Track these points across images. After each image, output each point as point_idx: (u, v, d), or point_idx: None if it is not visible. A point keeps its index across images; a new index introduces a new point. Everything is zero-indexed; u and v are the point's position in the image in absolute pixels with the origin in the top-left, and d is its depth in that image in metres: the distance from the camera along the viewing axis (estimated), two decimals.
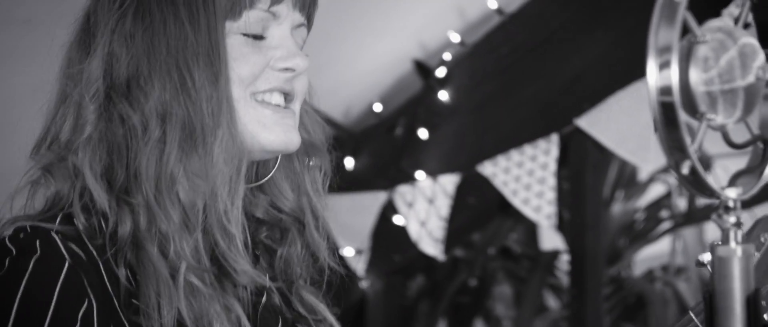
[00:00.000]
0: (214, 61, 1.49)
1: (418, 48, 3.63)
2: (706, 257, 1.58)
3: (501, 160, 3.31)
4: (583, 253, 3.32)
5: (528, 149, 3.29)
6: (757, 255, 1.54)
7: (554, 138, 3.27)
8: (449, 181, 3.41)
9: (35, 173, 1.57)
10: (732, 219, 1.15)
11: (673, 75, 1.07)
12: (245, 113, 1.54)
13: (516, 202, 3.31)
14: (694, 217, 4.11)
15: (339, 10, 3.30)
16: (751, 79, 1.14)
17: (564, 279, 3.99)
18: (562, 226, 3.61)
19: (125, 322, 1.46)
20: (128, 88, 1.51)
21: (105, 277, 1.47)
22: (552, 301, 4.13)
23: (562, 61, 3.30)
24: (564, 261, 3.98)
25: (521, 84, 3.35)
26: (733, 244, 1.15)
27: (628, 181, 4.19)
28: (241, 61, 1.53)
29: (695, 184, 1.12)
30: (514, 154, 3.30)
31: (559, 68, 3.30)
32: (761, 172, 1.20)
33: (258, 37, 1.54)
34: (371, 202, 3.49)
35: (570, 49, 3.29)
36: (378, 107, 3.64)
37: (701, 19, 1.14)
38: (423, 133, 3.44)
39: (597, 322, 3.33)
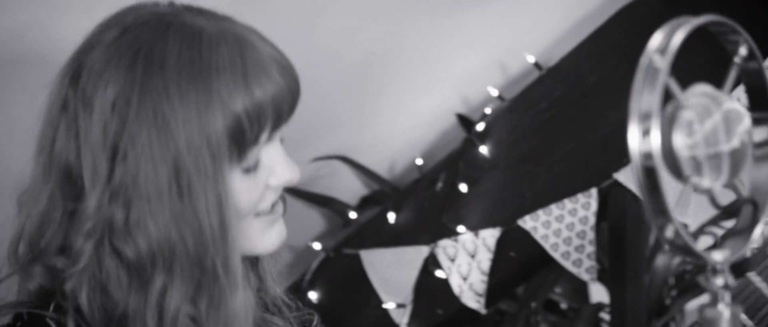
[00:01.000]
0: (223, 211, 1.49)
1: (461, 102, 3.65)
2: None
3: (541, 215, 3.32)
4: (623, 308, 3.31)
5: (567, 203, 3.29)
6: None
7: (593, 192, 3.27)
8: (490, 235, 3.41)
9: (14, 273, 1.58)
10: (719, 281, 1.16)
11: (654, 141, 1.09)
12: (244, 234, 1.55)
13: (556, 255, 3.31)
14: (741, 267, 4.07)
15: (379, 67, 3.34)
16: (735, 143, 1.16)
17: None
18: (604, 279, 3.60)
19: None
20: (127, 227, 1.49)
21: None
22: None
23: (600, 115, 3.30)
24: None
25: (560, 138, 3.36)
26: (721, 306, 1.16)
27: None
28: (240, 197, 1.53)
29: (680, 248, 1.14)
30: (554, 209, 3.31)
31: (597, 122, 3.31)
32: (750, 234, 1.21)
33: (255, 166, 1.54)
34: (413, 256, 3.50)
35: (608, 103, 3.29)
36: (419, 162, 3.66)
37: (688, 83, 1.16)
38: (464, 188, 3.45)
39: None
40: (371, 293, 3.52)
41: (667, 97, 1.14)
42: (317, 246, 3.60)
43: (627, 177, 3.20)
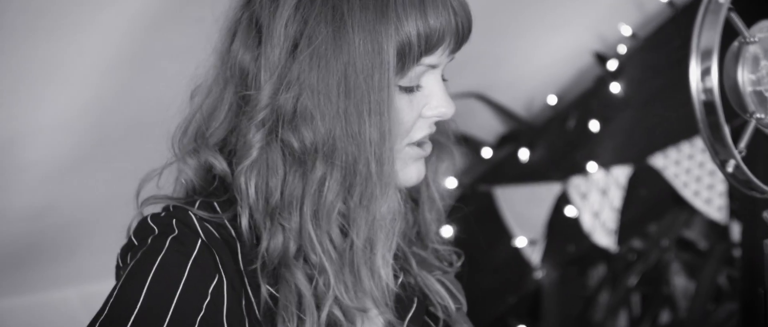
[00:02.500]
0: (383, 119, 1.56)
1: (597, 40, 3.65)
2: None
3: (671, 153, 3.31)
4: (753, 244, 3.28)
5: (698, 142, 3.28)
6: None
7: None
8: (622, 173, 3.43)
9: (172, 160, 1.69)
10: None
11: (713, 77, 1.12)
12: (401, 164, 1.62)
13: (687, 194, 3.31)
14: None
15: (517, 7, 3.36)
16: None
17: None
18: (736, 217, 3.58)
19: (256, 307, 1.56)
20: (294, 118, 1.58)
21: (241, 263, 1.57)
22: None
23: None
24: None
25: None
26: None
27: None
28: (399, 115, 1.60)
29: (742, 182, 1.17)
30: (685, 147, 3.30)
31: None
32: None
33: (412, 89, 1.61)
34: (545, 193, 3.53)
35: None
36: (553, 100, 3.68)
37: (753, 21, 1.18)
38: (594, 126, 3.46)
39: None
40: (504, 230, 3.56)
41: (732, 33, 1.16)
42: (453, 182, 3.64)
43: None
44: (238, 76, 1.64)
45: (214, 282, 1.54)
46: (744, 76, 1.11)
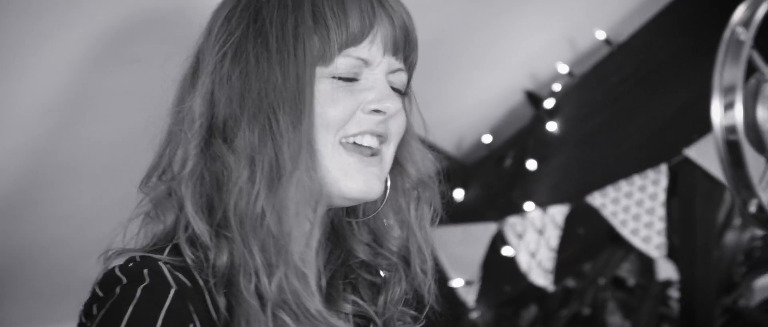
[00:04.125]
0: (298, 105, 1.56)
1: (529, 79, 3.64)
2: None
3: (610, 191, 3.31)
4: (693, 284, 3.29)
5: (637, 179, 3.28)
6: None
7: (663, 168, 3.25)
8: (558, 212, 3.41)
9: (146, 205, 1.65)
10: None
11: (738, 114, 1.09)
12: (331, 159, 1.60)
13: (625, 232, 3.30)
14: None
15: (448, 44, 3.34)
16: None
17: (677, 309, 3.96)
18: (674, 256, 3.58)
19: None
20: (224, 127, 1.58)
21: (210, 306, 1.53)
22: None
23: (671, 91, 3.28)
24: (677, 291, 3.94)
25: (630, 115, 3.35)
26: None
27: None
28: (331, 106, 1.59)
29: (764, 222, 1.14)
30: (623, 185, 3.29)
31: (667, 98, 3.29)
32: None
33: (351, 80, 1.59)
34: (481, 233, 3.51)
35: (679, 79, 3.27)
36: (487, 139, 3.66)
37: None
38: (531, 165, 3.45)
39: None
40: (439, 271, 3.52)
41: (749, 70, 1.13)
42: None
43: (697, 153, 3.18)
44: (188, 112, 1.63)
45: None
46: (763, 114, 1.07)
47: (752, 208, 1.10)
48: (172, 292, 1.50)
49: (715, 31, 3.18)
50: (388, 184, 1.70)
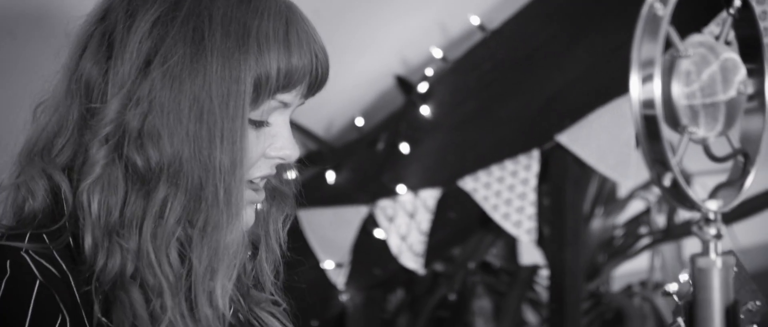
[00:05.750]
0: (236, 147, 1.53)
1: (400, 64, 3.64)
2: (672, 287, 1.61)
3: (482, 176, 3.33)
4: (562, 269, 3.34)
5: (509, 165, 3.31)
6: (735, 270, 1.56)
7: (535, 154, 3.29)
8: (430, 196, 3.42)
9: (19, 178, 1.60)
10: (712, 231, 1.17)
11: (656, 88, 1.10)
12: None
13: (496, 217, 3.32)
14: (672, 233, 4.13)
15: (321, 26, 3.31)
16: (732, 93, 1.17)
17: (543, 294, 4.01)
18: (542, 242, 3.63)
19: None
20: (140, 137, 1.52)
21: (76, 294, 1.51)
22: (531, 316, 4.15)
23: (544, 77, 3.32)
24: (543, 276, 4.00)
25: (503, 100, 3.37)
26: (712, 255, 1.17)
27: (608, 197, 4.21)
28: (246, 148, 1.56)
29: (677, 196, 1.15)
30: (495, 170, 3.32)
31: (540, 85, 3.32)
32: (741, 186, 1.22)
33: (261, 124, 1.57)
34: (352, 216, 3.50)
35: (551, 66, 3.31)
36: (360, 122, 3.65)
37: (683, 35, 1.17)
38: (404, 148, 3.45)
39: None
40: (309, 253, 3.51)
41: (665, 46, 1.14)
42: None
43: (569, 139, 3.22)
44: (83, 91, 1.58)
45: (58, 322, 1.48)
46: (678, 90, 1.08)
47: (667, 182, 1.11)
48: (37, 283, 1.48)
49: (586, 19, 3.24)
50: None
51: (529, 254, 4.10)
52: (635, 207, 4.38)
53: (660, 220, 4.32)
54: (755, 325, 1.64)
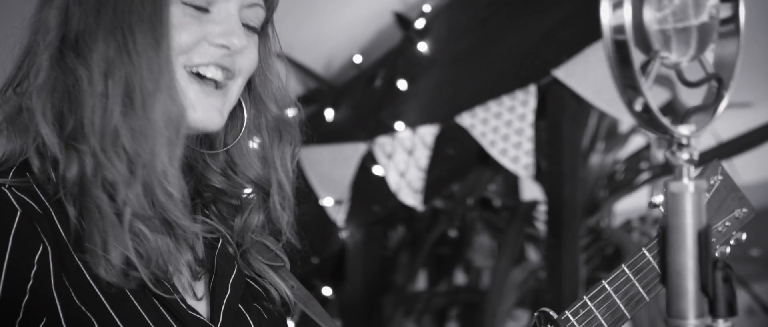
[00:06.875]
0: (156, 27, 1.56)
1: (398, 1, 3.64)
2: (659, 199, 1.61)
3: (479, 112, 3.33)
4: (560, 204, 3.34)
5: (506, 100, 3.30)
6: (707, 196, 1.56)
7: (532, 89, 3.29)
8: (428, 132, 3.42)
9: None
10: (685, 155, 1.17)
11: (626, 14, 1.09)
12: (182, 90, 1.60)
13: (494, 152, 3.32)
14: (672, 168, 4.12)
15: None
16: (704, 18, 1.16)
17: (543, 230, 4.02)
18: (541, 177, 3.63)
19: (78, 262, 1.51)
20: (77, 41, 1.57)
21: (57, 224, 1.53)
22: (531, 252, 4.16)
23: (540, 12, 3.31)
24: (542, 212, 4.00)
25: (499, 36, 3.36)
26: (685, 180, 1.17)
27: (609, 132, 4.20)
28: (179, 30, 1.61)
29: (648, 121, 1.15)
30: (492, 105, 3.31)
31: (536, 20, 3.31)
32: (715, 110, 1.22)
33: (202, 9, 1.60)
34: (351, 153, 3.50)
35: (548, 1, 3.30)
36: (358, 59, 3.65)
37: None
38: (402, 85, 3.45)
39: (574, 273, 3.36)
40: (309, 190, 3.52)
41: None
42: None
43: (566, 74, 3.21)
44: (42, 24, 1.61)
45: (39, 252, 1.51)
46: (649, 15, 1.08)
47: (638, 106, 1.11)
48: (18, 214, 1.50)
49: None
50: (246, 115, 1.71)
51: (530, 190, 4.10)
52: (636, 142, 4.38)
53: (660, 155, 4.31)
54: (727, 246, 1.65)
